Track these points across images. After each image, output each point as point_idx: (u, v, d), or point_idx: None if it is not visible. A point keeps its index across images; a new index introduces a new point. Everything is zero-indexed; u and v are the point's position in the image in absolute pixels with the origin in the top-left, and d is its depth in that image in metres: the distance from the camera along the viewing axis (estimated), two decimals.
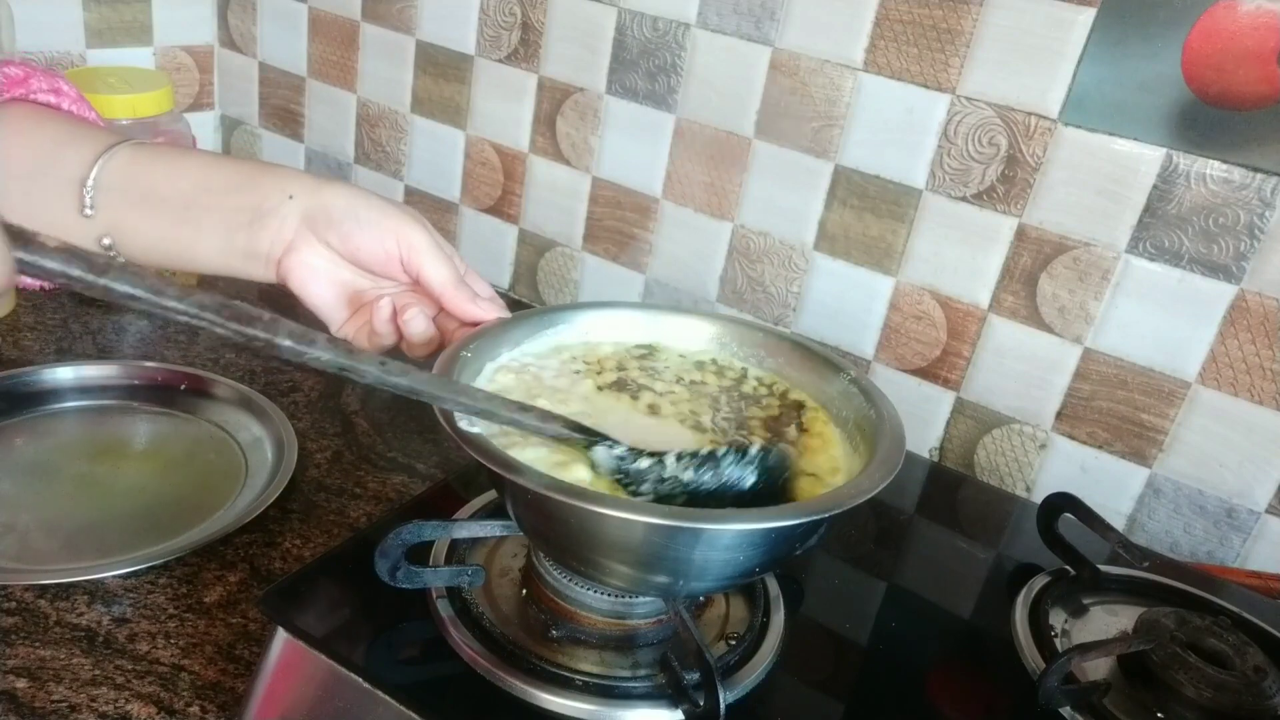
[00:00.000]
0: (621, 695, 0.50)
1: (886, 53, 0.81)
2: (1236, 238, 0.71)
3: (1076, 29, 0.72)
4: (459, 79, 1.06)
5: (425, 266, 0.57)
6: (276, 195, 0.56)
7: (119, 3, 1.13)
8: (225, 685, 0.57)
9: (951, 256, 0.82)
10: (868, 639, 0.59)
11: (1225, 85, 0.68)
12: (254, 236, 0.56)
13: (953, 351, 0.85)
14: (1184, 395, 0.75)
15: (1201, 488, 0.77)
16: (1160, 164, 0.72)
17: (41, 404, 0.81)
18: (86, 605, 0.61)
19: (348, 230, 0.56)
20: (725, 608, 0.57)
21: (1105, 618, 0.63)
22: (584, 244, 1.03)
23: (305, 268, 0.56)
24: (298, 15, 1.16)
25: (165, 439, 0.81)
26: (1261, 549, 0.76)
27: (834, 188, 0.86)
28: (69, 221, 0.56)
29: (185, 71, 1.24)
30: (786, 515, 0.46)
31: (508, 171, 1.06)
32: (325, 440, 0.82)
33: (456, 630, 0.52)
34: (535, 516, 0.50)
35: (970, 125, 0.78)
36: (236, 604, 0.63)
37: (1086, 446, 0.81)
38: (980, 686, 0.58)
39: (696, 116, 0.92)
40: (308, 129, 1.22)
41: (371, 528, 0.65)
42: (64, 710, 0.54)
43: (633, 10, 0.92)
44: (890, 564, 0.68)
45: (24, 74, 0.58)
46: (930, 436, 0.88)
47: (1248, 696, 0.53)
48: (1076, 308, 0.78)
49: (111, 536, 0.68)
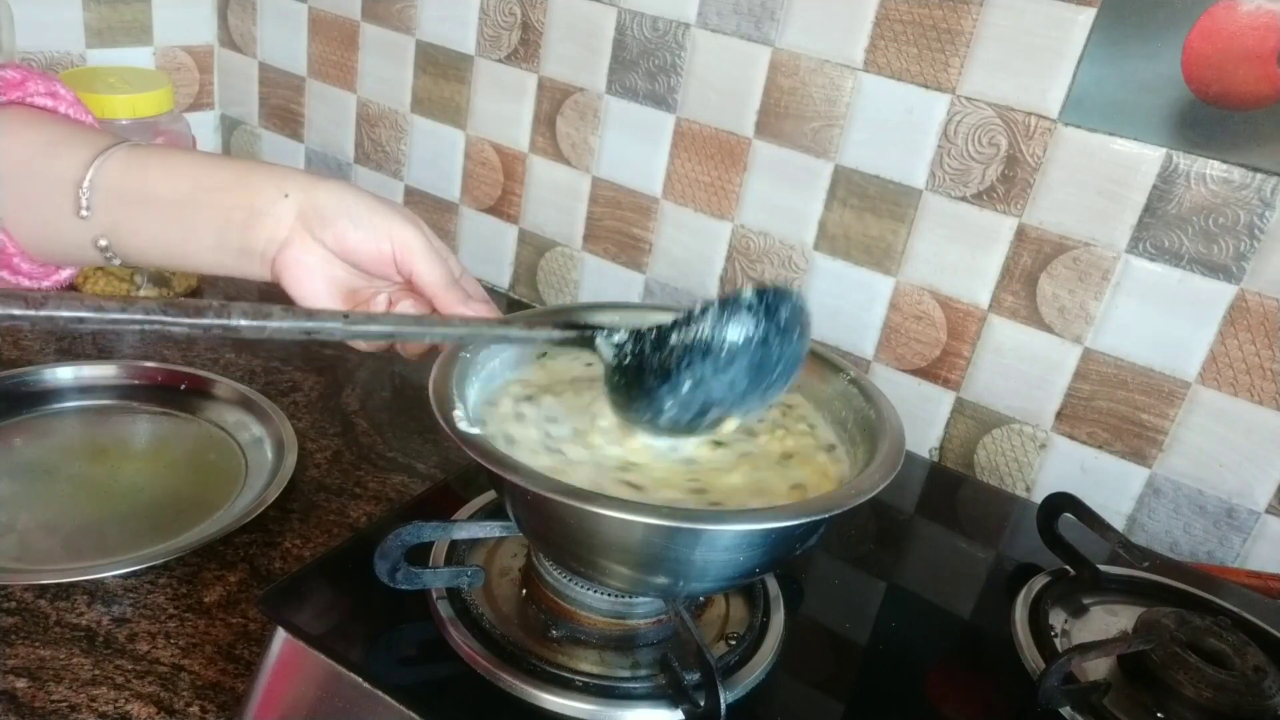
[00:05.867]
0: (621, 695, 0.50)
1: (886, 53, 0.81)
2: (1236, 238, 0.71)
3: (1076, 29, 0.72)
4: (459, 79, 1.06)
5: (418, 266, 0.57)
6: (271, 193, 0.56)
7: (119, 3, 1.13)
8: (225, 685, 0.57)
9: (951, 256, 0.82)
10: (868, 639, 0.59)
11: (1225, 85, 0.68)
12: (249, 235, 0.56)
13: (953, 351, 0.85)
14: (1184, 395, 0.75)
15: (1201, 488, 0.77)
16: (1160, 164, 0.72)
17: (41, 404, 0.81)
18: (86, 605, 0.61)
19: (342, 229, 0.56)
20: (725, 608, 0.57)
21: (1105, 618, 0.63)
22: (584, 244, 1.03)
23: (300, 266, 0.56)
24: (298, 15, 1.16)
25: (165, 439, 0.81)
26: (1261, 549, 0.76)
27: (834, 188, 0.86)
28: (65, 223, 0.56)
29: (185, 71, 1.24)
30: (786, 515, 0.46)
31: (508, 171, 1.06)
32: (325, 440, 0.82)
33: (456, 630, 0.52)
34: (535, 517, 0.50)
35: (970, 125, 0.78)
36: (236, 604, 0.63)
37: (1086, 446, 0.81)
38: (980, 686, 0.58)
39: (696, 116, 0.92)
40: (308, 129, 1.22)
41: (371, 528, 0.65)
42: (64, 710, 0.54)
43: (633, 10, 0.92)
44: (890, 564, 0.68)
45: (21, 77, 0.58)
46: (930, 436, 0.88)
47: (1248, 696, 0.53)
48: (1076, 308, 0.78)
49: (111, 536, 0.68)
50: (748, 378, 0.48)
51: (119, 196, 0.56)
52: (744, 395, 0.49)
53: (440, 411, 0.48)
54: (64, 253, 0.60)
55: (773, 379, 0.49)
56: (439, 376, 0.51)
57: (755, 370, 0.48)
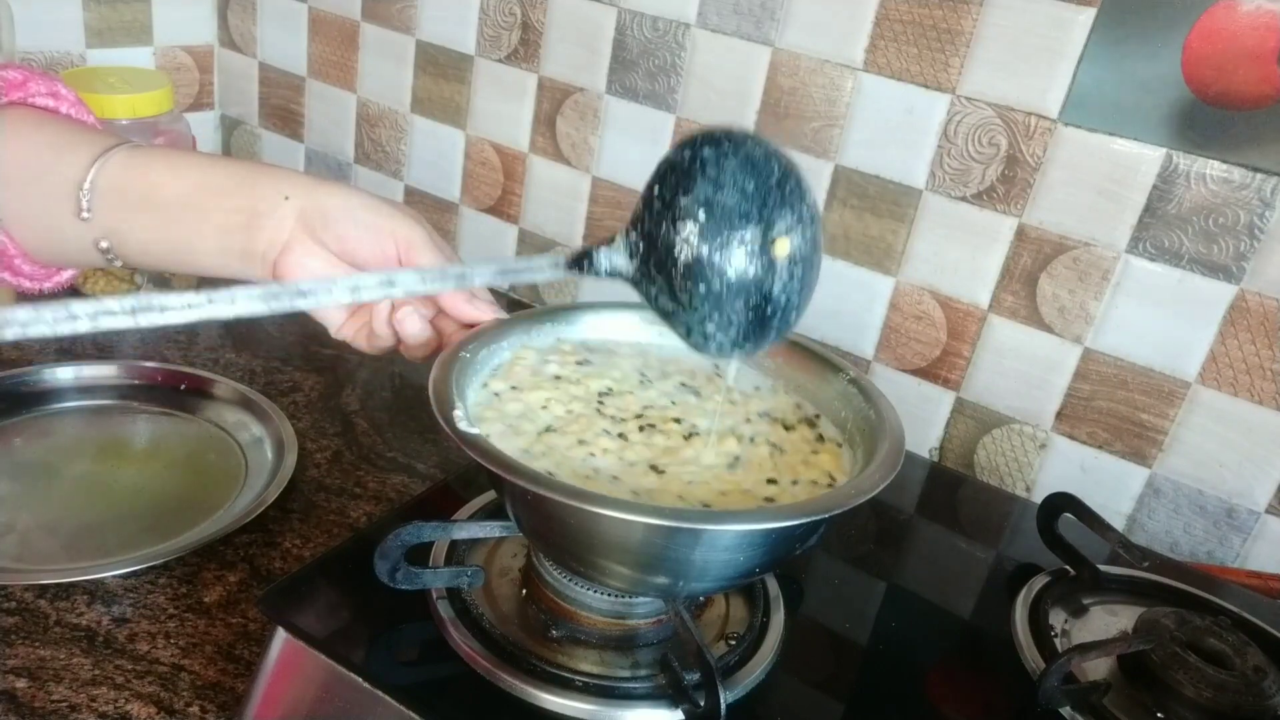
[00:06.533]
0: (621, 695, 0.50)
1: (886, 53, 0.81)
2: (1236, 238, 0.71)
3: (1076, 29, 0.72)
4: (459, 79, 1.06)
5: (423, 264, 0.57)
6: (272, 196, 0.56)
7: (119, 3, 1.13)
8: (225, 685, 0.57)
9: (951, 256, 0.82)
10: (868, 639, 0.59)
11: (1225, 85, 0.68)
12: (250, 238, 0.56)
13: (953, 351, 0.85)
14: (1184, 395, 0.75)
15: (1201, 488, 0.77)
16: (1160, 164, 0.72)
17: (41, 404, 0.81)
18: (86, 605, 0.61)
19: (344, 231, 0.56)
20: (725, 608, 0.57)
21: (1105, 618, 0.63)
22: (584, 244, 1.03)
23: (301, 269, 0.56)
24: (298, 15, 1.16)
25: (165, 439, 0.81)
26: (1261, 549, 0.76)
27: (834, 188, 0.86)
28: (66, 225, 0.56)
29: (185, 71, 1.24)
30: (786, 515, 0.46)
31: (508, 171, 1.06)
32: (325, 440, 0.82)
33: (456, 630, 0.52)
34: (534, 517, 0.50)
35: (970, 125, 0.78)
36: (236, 604, 0.63)
37: (1086, 446, 0.81)
38: (980, 686, 0.58)
39: (696, 117, 0.92)
40: (308, 129, 1.22)
41: (371, 528, 0.65)
42: (64, 710, 0.54)
43: (633, 10, 0.92)
44: (890, 564, 0.68)
45: (22, 77, 0.58)
46: (930, 436, 0.88)
47: (1248, 696, 0.53)
48: (1076, 308, 0.78)
49: (111, 536, 0.68)
50: (749, 176, 0.44)
51: (120, 198, 0.56)
52: (763, 197, 0.45)
53: (440, 411, 0.48)
54: (65, 254, 0.60)
55: (773, 172, 0.45)
56: (439, 376, 0.51)
57: (749, 166, 0.44)
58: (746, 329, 0.47)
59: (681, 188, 0.45)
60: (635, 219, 0.47)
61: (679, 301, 0.46)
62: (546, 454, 0.51)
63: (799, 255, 0.46)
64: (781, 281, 0.46)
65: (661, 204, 0.45)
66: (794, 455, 0.54)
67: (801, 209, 0.46)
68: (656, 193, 0.46)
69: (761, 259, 0.45)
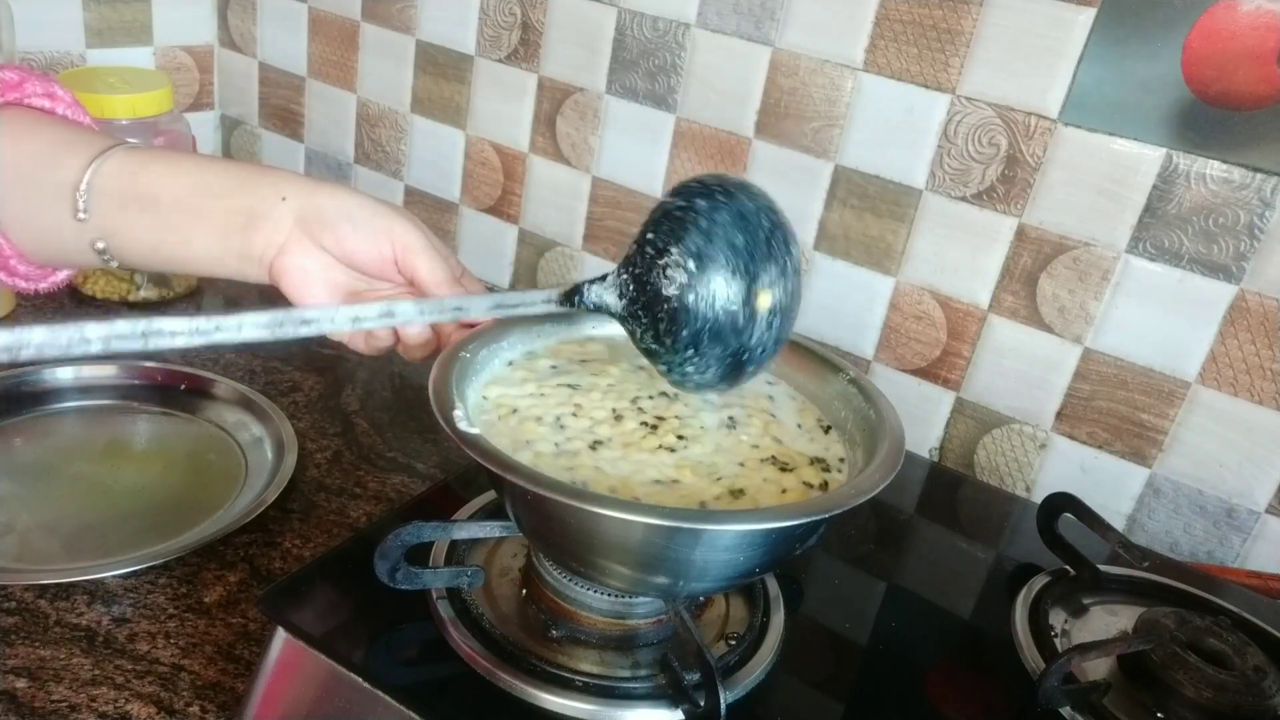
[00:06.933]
0: (621, 695, 0.50)
1: (886, 53, 0.81)
2: (1236, 238, 0.71)
3: (1076, 29, 0.72)
4: (459, 79, 1.06)
5: (420, 267, 0.56)
6: (270, 198, 0.56)
7: (119, 3, 1.13)
8: (225, 685, 0.57)
9: (951, 256, 0.82)
10: (868, 639, 0.59)
11: (1225, 85, 0.68)
12: (248, 239, 0.56)
13: (953, 351, 0.85)
14: (1184, 395, 0.75)
15: (1201, 488, 0.77)
16: (1160, 164, 0.72)
17: (41, 404, 0.81)
18: (86, 605, 0.61)
19: (342, 232, 0.56)
20: (725, 608, 0.57)
21: (1105, 618, 0.63)
22: (584, 244, 1.03)
23: (299, 270, 0.56)
24: (298, 15, 1.16)
25: (165, 439, 0.81)
26: (1261, 549, 0.76)
27: (834, 188, 0.86)
28: (63, 226, 0.56)
29: (185, 71, 1.24)
30: (786, 515, 0.46)
31: (508, 171, 1.06)
32: (325, 440, 0.82)
33: (456, 630, 0.52)
34: (534, 517, 0.50)
35: (970, 125, 0.78)
36: (236, 604, 0.63)
37: (1086, 446, 0.81)
38: (980, 686, 0.58)
39: (696, 116, 0.92)
40: (308, 129, 1.22)
41: (371, 528, 0.65)
42: (64, 710, 0.54)
43: (633, 10, 0.92)
44: (890, 564, 0.68)
45: (19, 78, 0.58)
46: (930, 436, 0.88)
47: (1248, 696, 0.53)
48: (1076, 308, 0.78)
49: (111, 536, 0.68)
50: (739, 231, 0.47)
51: (116, 199, 0.56)
52: (750, 253, 0.48)
53: (440, 411, 0.48)
54: (61, 255, 0.60)
55: (762, 226, 0.48)
56: (439, 376, 0.51)
57: (740, 222, 0.47)
58: (723, 372, 0.51)
59: (674, 236, 0.48)
60: (627, 260, 0.50)
61: (662, 343, 0.50)
62: (555, 455, 0.51)
63: (779, 308, 0.49)
64: (760, 332, 0.49)
65: (654, 251, 0.48)
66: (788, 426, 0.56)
67: (785, 263, 0.49)
68: (649, 238, 0.49)
69: (744, 311, 0.48)
